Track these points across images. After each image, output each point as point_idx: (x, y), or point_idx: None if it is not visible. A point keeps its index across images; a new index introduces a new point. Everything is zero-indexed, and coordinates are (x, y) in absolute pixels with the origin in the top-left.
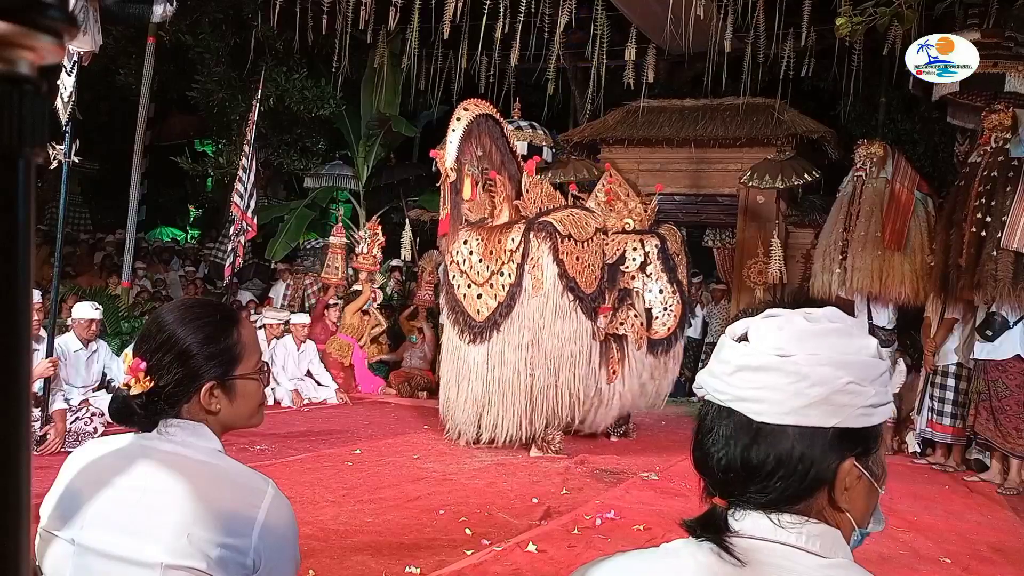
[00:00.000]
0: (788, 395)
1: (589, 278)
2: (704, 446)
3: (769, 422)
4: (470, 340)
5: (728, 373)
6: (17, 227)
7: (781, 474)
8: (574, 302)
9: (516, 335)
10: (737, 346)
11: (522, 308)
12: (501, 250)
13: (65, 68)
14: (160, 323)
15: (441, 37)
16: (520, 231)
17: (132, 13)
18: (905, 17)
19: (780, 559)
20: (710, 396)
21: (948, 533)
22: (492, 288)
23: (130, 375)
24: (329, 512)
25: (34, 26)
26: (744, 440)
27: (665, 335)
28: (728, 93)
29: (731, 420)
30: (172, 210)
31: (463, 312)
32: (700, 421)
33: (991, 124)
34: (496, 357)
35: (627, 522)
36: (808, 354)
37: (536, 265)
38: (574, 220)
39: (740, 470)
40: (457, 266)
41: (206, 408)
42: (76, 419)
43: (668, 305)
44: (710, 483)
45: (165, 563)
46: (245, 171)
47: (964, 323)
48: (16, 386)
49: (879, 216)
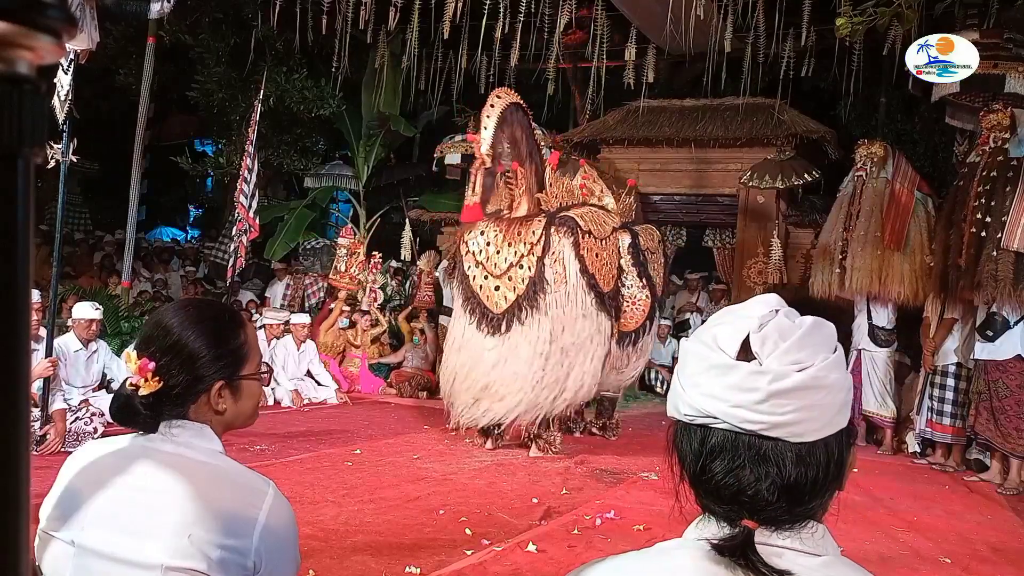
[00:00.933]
0: (823, 410)
1: (607, 275)
2: (716, 476)
3: (808, 440)
4: (488, 332)
5: (757, 401)
6: (17, 227)
7: (821, 488)
8: (594, 299)
9: (535, 328)
10: (753, 368)
11: (543, 302)
12: (520, 243)
13: (62, 66)
14: (167, 324)
15: (441, 37)
16: (542, 224)
17: (130, 10)
18: (905, 17)
19: (788, 563)
20: (725, 426)
21: (948, 533)
22: (511, 280)
23: (138, 376)
24: (329, 512)
25: (34, 26)
26: (788, 467)
27: (633, 328)
28: (728, 93)
29: (760, 448)
30: (172, 210)
31: (480, 303)
32: (700, 448)
33: (989, 124)
34: (511, 350)
35: (627, 522)
36: (822, 361)
37: (557, 259)
38: (594, 217)
39: (782, 495)
40: (473, 256)
41: (214, 408)
42: (76, 419)
43: (636, 299)
44: (727, 511)
45: (165, 564)
46: (249, 171)
47: (964, 323)
48: (16, 386)
49: (879, 216)
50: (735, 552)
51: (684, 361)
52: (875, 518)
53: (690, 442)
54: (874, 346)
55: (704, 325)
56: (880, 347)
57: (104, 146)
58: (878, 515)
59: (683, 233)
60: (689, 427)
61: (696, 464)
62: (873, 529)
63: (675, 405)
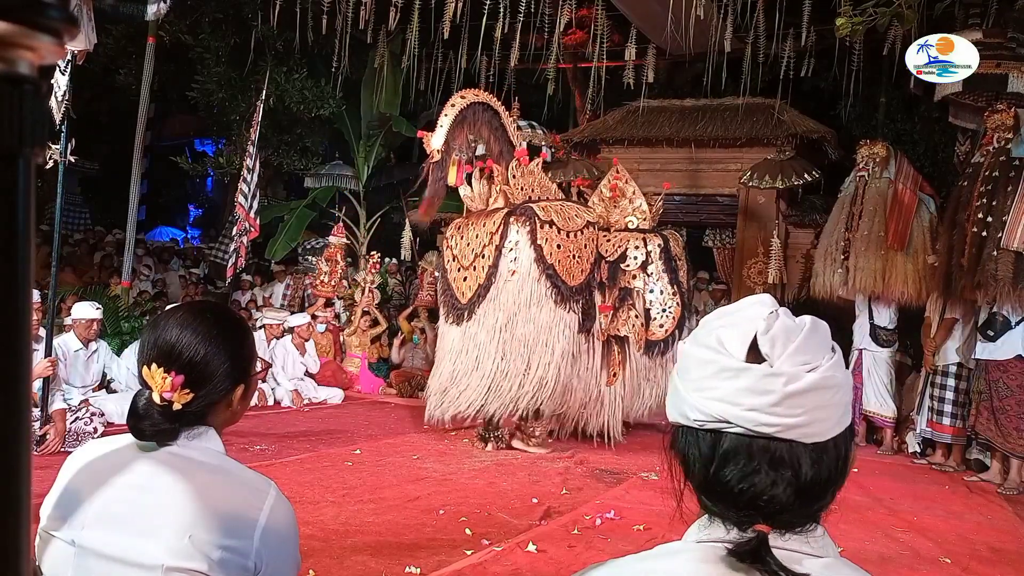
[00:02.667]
0: (834, 409)
1: (574, 269)
2: (729, 482)
3: (821, 440)
4: (452, 321)
5: (772, 403)
6: (17, 227)
7: (832, 487)
8: (552, 290)
9: (491, 317)
10: (766, 371)
11: (498, 291)
12: (485, 233)
13: (59, 67)
14: (187, 336)
15: (441, 37)
16: (502, 215)
17: (126, 11)
18: (905, 17)
19: (807, 568)
20: (739, 430)
21: (948, 533)
22: (475, 271)
23: (171, 392)
24: (329, 512)
25: (34, 26)
26: (804, 468)
27: (662, 337)
28: (728, 93)
29: (775, 451)
30: (172, 210)
31: (451, 294)
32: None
33: (993, 124)
34: (470, 339)
35: (627, 522)
36: (828, 360)
37: (512, 248)
38: (560, 209)
39: (798, 497)
40: (450, 251)
41: (232, 410)
42: (76, 419)
43: (667, 306)
44: (739, 515)
45: (166, 565)
46: (249, 171)
47: (964, 323)
48: (16, 386)
49: (882, 216)
50: (752, 558)
51: (686, 365)
52: (875, 518)
53: (699, 447)
54: (875, 346)
55: (701, 327)
56: (881, 347)
57: (104, 146)
58: (878, 515)
59: (683, 233)
60: (697, 432)
61: (707, 470)
62: (873, 529)
63: (679, 410)
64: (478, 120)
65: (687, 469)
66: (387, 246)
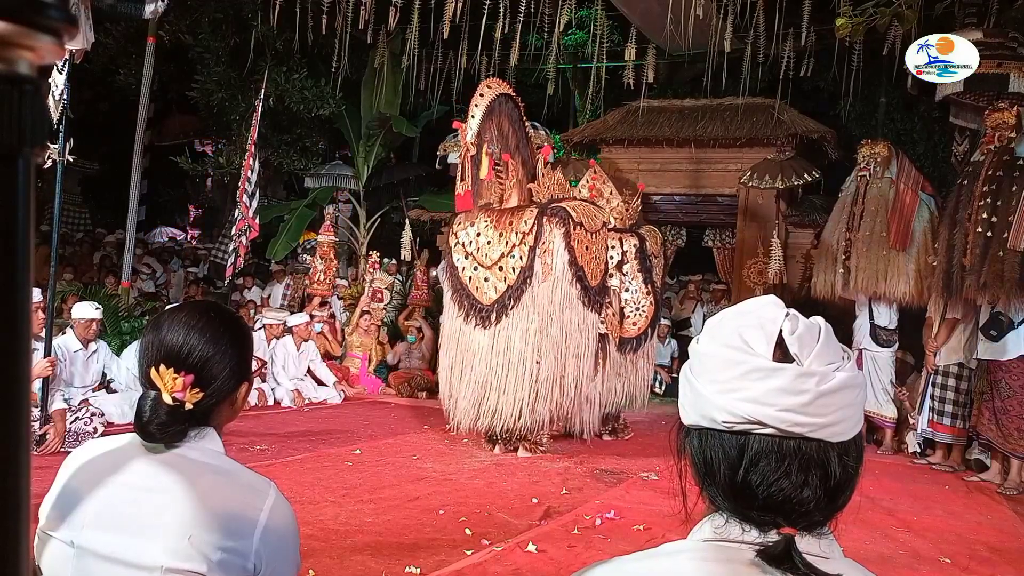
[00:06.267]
0: (857, 407)
1: (596, 270)
2: (759, 484)
3: (846, 439)
4: (476, 324)
5: (805, 403)
6: (17, 227)
7: (853, 486)
8: (581, 292)
9: (525, 320)
10: (799, 371)
11: (532, 293)
12: (512, 232)
13: (56, 66)
14: (194, 337)
15: (441, 37)
16: (534, 214)
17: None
18: (905, 17)
19: (834, 568)
20: (771, 431)
21: (948, 533)
22: (501, 271)
23: (181, 392)
24: (329, 512)
25: (34, 26)
26: (833, 467)
27: (635, 334)
28: (728, 93)
29: (805, 451)
30: (172, 210)
31: (468, 295)
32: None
33: (994, 123)
34: (503, 342)
35: (627, 522)
36: (846, 359)
37: (547, 250)
38: (585, 210)
39: (825, 496)
40: (463, 248)
41: (234, 408)
42: (76, 419)
43: (640, 305)
44: (764, 517)
45: (166, 566)
46: (251, 171)
47: (966, 323)
48: (16, 386)
49: (884, 216)
50: (779, 560)
51: (706, 365)
52: (875, 518)
53: (724, 450)
54: (876, 346)
55: (716, 327)
56: (882, 347)
57: (104, 146)
58: (878, 515)
59: (683, 233)
60: (722, 434)
61: (734, 472)
62: (873, 529)
63: (700, 412)
64: (503, 112)
65: (707, 472)
66: (387, 246)
